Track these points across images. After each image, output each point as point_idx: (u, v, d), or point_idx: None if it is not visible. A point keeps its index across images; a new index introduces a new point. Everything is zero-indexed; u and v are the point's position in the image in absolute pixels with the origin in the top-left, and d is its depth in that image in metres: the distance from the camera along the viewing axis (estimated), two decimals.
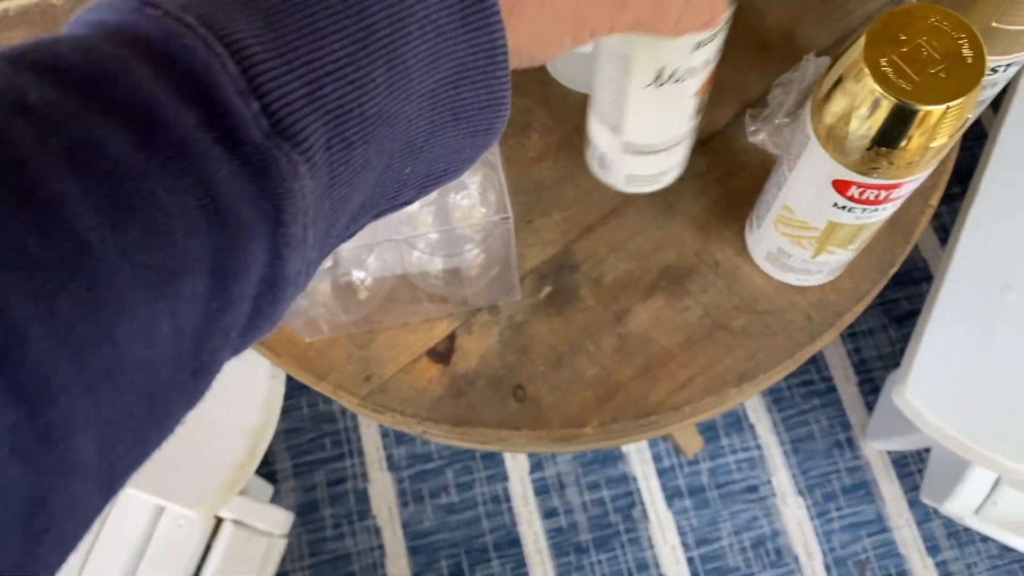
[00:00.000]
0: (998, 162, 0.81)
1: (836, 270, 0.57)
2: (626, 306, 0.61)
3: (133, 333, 0.19)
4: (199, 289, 0.21)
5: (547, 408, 0.59)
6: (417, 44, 0.24)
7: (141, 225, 0.19)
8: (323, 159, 0.23)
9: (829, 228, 0.49)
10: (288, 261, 0.23)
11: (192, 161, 0.20)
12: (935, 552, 1.26)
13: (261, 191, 0.22)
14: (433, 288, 0.59)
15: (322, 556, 1.31)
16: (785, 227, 0.52)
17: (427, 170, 0.29)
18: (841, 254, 0.53)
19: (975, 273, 0.78)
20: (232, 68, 0.21)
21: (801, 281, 0.58)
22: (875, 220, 0.48)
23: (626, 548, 1.29)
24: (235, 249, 0.21)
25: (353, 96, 0.23)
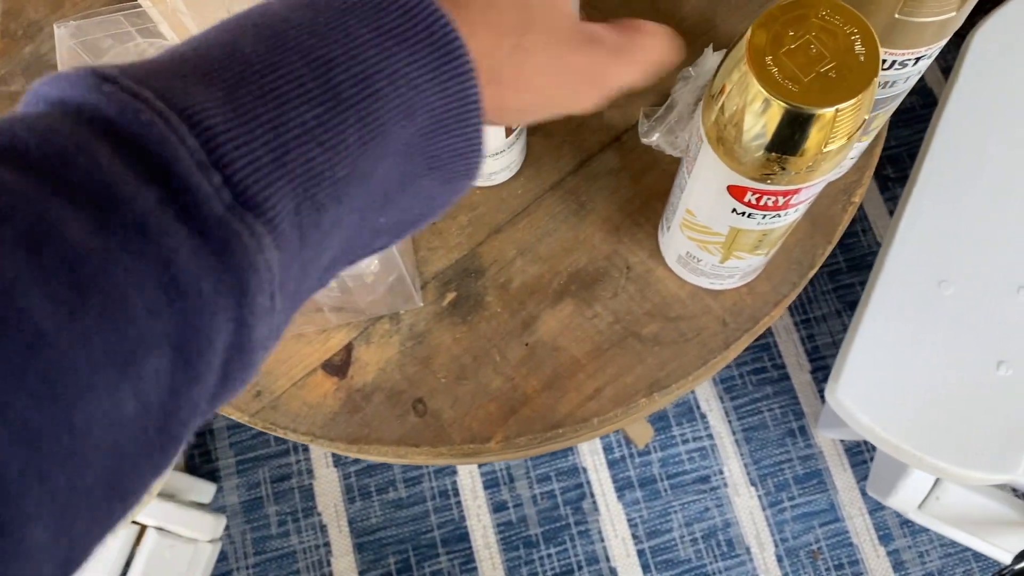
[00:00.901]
0: (937, 153, 0.78)
1: (750, 273, 0.54)
2: (534, 313, 0.58)
3: (93, 417, 0.19)
4: (163, 365, 0.21)
5: (448, 423, 0.55)
6: (389, 99, 0.24)
7: (99, 309, 0.19)
8: (291, 224, 0.23)
9: (732, 234, 0.46)
10: (255, 329, 0.23)
11: (152, 240, 0.20)
12: (888, 541, 1.25)
13: (224, 266, 0.21)
14: (325, 298, 0.55)
15: (266, 554, 1.28)
16: (690, 231, 0.49)
17: (401, 217, 0.28)
18: (751, 259, 0.50)
19: (912, 267, 0.75)
20: (191, 141, 0.21)
21: (715, 285, 0.55)
22: (780, 225, 0.45)
23: (576, 541, 1.26)
24: (198, 326, 0.21)
25: (323, 159, 0.23)
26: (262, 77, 0.22)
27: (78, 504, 0.19)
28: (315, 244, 0.24)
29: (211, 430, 1.33)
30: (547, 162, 0.61)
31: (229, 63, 0.22)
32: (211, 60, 0.22)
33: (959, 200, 0.77)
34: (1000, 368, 0.71)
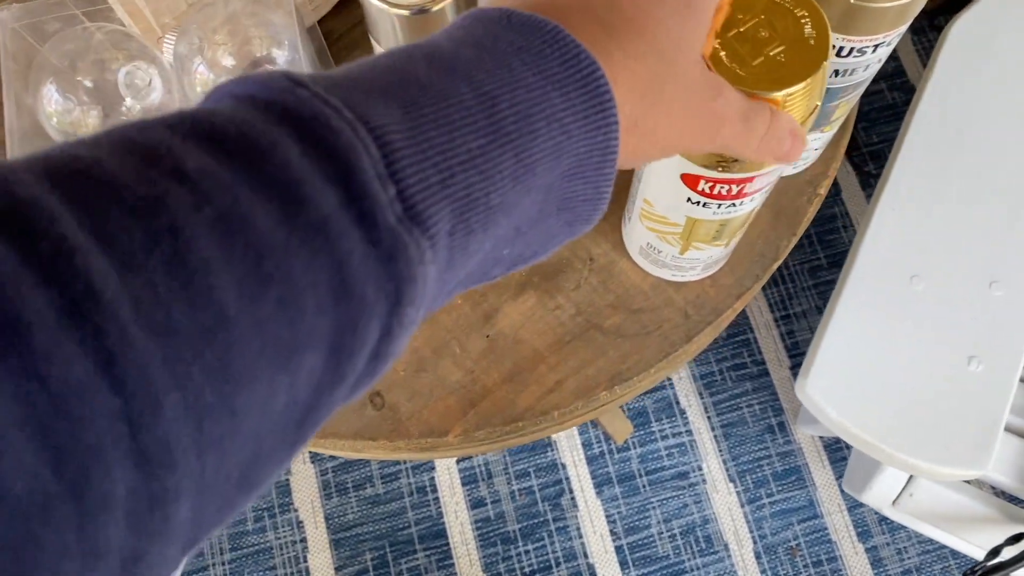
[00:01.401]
0: (911, 147, 0.78)
1: (712, 265, 0.53)
2: (495, 305, 0.57)
3: (252, 404, 0.20)
4: (317, 364, 0.21)
5: (406, 417, 0.55)
6: (544, 140, 0.25)
7: (277, 299, 0.20)
8: (445, 244, 0.24)
9: (689, 224, 0.45)
10: (397, 339, 0.24)
11: (331, 240, 0.21)
12: (866, 538, 1.24)
13: (387, 274, 0.22)
14: None
15: (243, 550, 1.27)
16: (649, 222, 0.48)
17: (522, 252, 0.29)
18: (711, 250, 0.49)
19: (884, 262, 0.75)
20: (374, 152, 0.22)
21: (677, 277, 0.55)
22: (737, 215, 0.44)
23: (554, 537, 1.26)
24: (356, 329, 0.22)
25: (481, 186, 0.24)
26: (435, 102, 0.23)
27: (216, 489, 0.20)
28: (459, 266, 0.25)
29: None
30: None
31: (406, 86, 0.24)
32: (388, 82, 0.24)
33: (932, 195, 0.76)
34: (971, 363, 0.71)
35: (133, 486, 0.18)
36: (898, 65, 1.45)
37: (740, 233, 0.49)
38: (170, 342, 0.18)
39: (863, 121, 1.42)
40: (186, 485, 0.19)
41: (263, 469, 0.22)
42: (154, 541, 0.19)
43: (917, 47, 1.45)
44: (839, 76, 0.45)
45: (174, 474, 0.18)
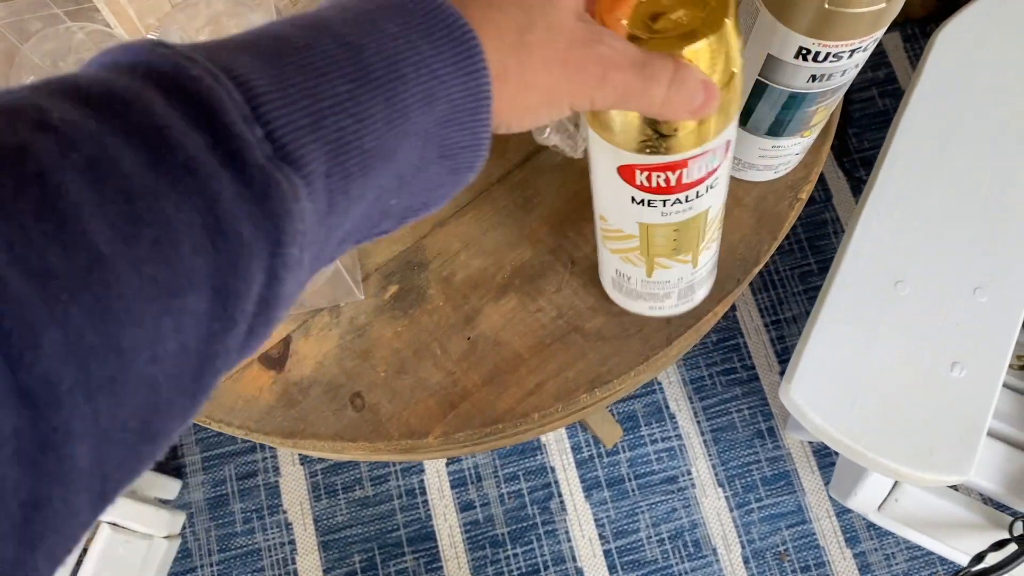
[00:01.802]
0: (897, 153, 0.78)
1: (687, 293, 0.52)
2: (477, 307, 0.57)
3: (138, 345, 0.20)
4: (202, 306, 0.22)
5: (387, 418, 0.55)
6: (414, 85, 0.26)
7: (151, 240, 0.20)
8: (323, 185, 0.24)
9: (644, 232, 0.43)
10: (284, 282, 0.24)
11: (200, 180, 0.21)
12: (854, 543, 1.24)
13: (263, 212, 0.22)
14: None
15: (231, 551, 1.27)
16: (610, 242, 0.47)
17: (410, 203, 0.30)
18: (678, 267, 0.47)
19: (869, 266, 0.75)
20: (237, 96, 0.22)
21: (656, 311, 0.53)
22: (688, 217, 0.42)
23: (543, 541, 1.26)
24: (237, 268, 0.22)
25: (353, 129, 0.25)
26: (299, 52, 0.25)
27: (114, 435, 0.20)
28: (341, 212, 0.26)
29: None
30: (494, 155, 0.60)
31: (270, 41, 0.25)
32: (251, 39, 0.25)
33: (917, 200, 0.76)
34: (954, 369, 0.71)
35: (19, 424, 0.18)
36: (889, 72, 1.45)
37: (706, 249, 0.47)
38: (46, 283, 0.18)
39: (854, 127, 1.42)
40: (78, 427, 0.19)
41: (165, 420, 0.22)
42: (53, 484, 0.19)
43: (908, 53, 1.46)
44: (815, 81, 0.45)
45: (60, 413, 0.18)
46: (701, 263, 0.48)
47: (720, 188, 0.42)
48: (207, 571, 1.26)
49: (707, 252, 0.48)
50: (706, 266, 0.50)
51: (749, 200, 0.58)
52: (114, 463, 0.21)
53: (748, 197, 0.58)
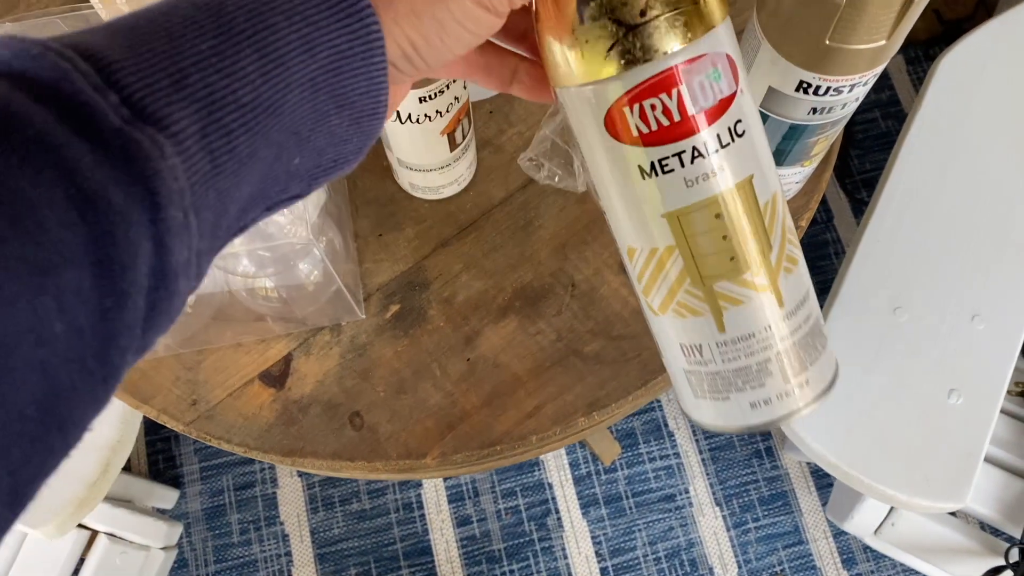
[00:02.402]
0: (897, 179, 0.78)
1: (795, 363, 0.34)
2: (477, 328, 0.57)
3: (17, 330, 0.19)
4: (85, 283, 0.21)
5: (385, 438, 0.55)
6: (286, 34, 0.25)
7: (8, 219, 0.19)
8: (199, 146, 0.23)
9: (680, 232, 0.32)
10: (173, 250, 0.23)
11: (52, 152, 0.21)
12: (851, 565, 1.24)
13: (129, 176, 0.22)
14: (264, 307, 0.55)
15: (227, 562, 1.27)
16: (654, 293, 0.35)
17: (316, 161, 0.29)
18: (754, 302, 0.33)
19: (868, 292, 0.75)
20: (83, 66, 0.21)
21: (759, 411, 0.35)
22: (726, 188, 0.31)
23: (539, 557, 1.26)
24: (114, 237, 0.21)
25: (223, 84, 0.24)
26: (155, 21, 0.24)
27: (12, 426, 0.19)
28: (231, 172, 0.25)
29: (176, 436, 1.32)
30: (497, 177, 0.60)
31: (127, 18, 0.24)
32: (111, 21, 0.24)
33: (917, 226, 0.77)
34: (951, 396, 0.71)
35: None
36: (892, 94, 1.46)
37: (785, 268, 0.34)
38: None
39: (857, 149, 1.43)
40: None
41: (71, 406, 0.21)
42: None
43: (911, 76, 1.46)
44: (816, 114, 0.46)
45: None
46: (788, 297, 0.34)
47: (754, 147, 0.32)
48: None
49: (790, 277, 0.34)
50: (801, 308, 0.34)
51: None
52: (19, 458, 0.20)
53: None
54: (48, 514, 0.73)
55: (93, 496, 0.74)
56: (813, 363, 0.35)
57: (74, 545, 0.89)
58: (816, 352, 0.35)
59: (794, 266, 0.34)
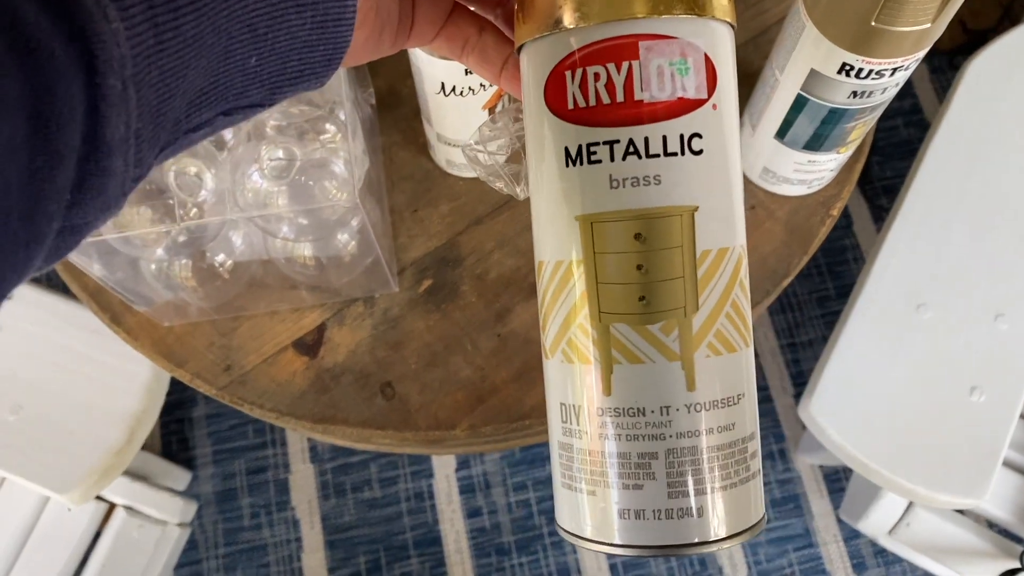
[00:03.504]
0: (923, 179, 0.79)
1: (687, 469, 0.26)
2: (508, 305, 0.58)
3: None
4: (18, 135, 0.20)
5: (416, 409, 0.56)
6: None
7: None
8: (144, 16, 0.22)
9: (588, 244, 0.27)
10: (109, 120, 0.22)
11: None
12: (861, 569, 1.24)
13: (70, 32, 0.21)
14: (301, 275, 0.55)
15: (237, 545, 1.27)
16: (551, 323, 0.29)
17: (279, 68, 0.27)
18: (653, 359, 0.26)
19: (892, 289, 0.76)
20: None
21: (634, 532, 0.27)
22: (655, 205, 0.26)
23: (548, 551, 1.26)
24: (53, 92, 0.20)
25: None
26: None
27: None
28: (175, 52, 0.24)
29: (190, 419, 1.33)
30: None
31: None
32: None
33: (943, 226, 0.77)
34: (973, 394, 0.72)
35: None
36: (915, 102, 1.46)
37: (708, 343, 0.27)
38: None
39: (877, 155, 1.43)
40: None
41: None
42: None
43: (935, 84, 1.47)
44: (856, 97, 0.46)
45: None
46: (703, 381, 0.26)
47: (708, 176, 0.27)
48: (213, 564, 1.26)
49: (716, 361, 0.27)
50: (721, 411, 0.27)
51: (781, 214, 0.59)
52: None
53: (780, 211, 0.59)
54: (74, 480, 0.73)
55: (117, 465, 0.75)
56: (725, 488, 0.27)
57: (92, 517, 0.89)
58: (732, 476, 0.27)
59: (727, 352, 0.27)
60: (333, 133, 0.50)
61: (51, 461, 0.75)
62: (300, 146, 0.49)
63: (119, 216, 0.46)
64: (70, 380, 0.78)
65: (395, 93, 0.63)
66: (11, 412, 0.78)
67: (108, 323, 0.57)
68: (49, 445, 0.75)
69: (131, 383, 0.77)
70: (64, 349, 0.78)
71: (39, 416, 0.77)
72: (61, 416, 0.77)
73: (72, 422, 0.76)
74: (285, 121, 0.51)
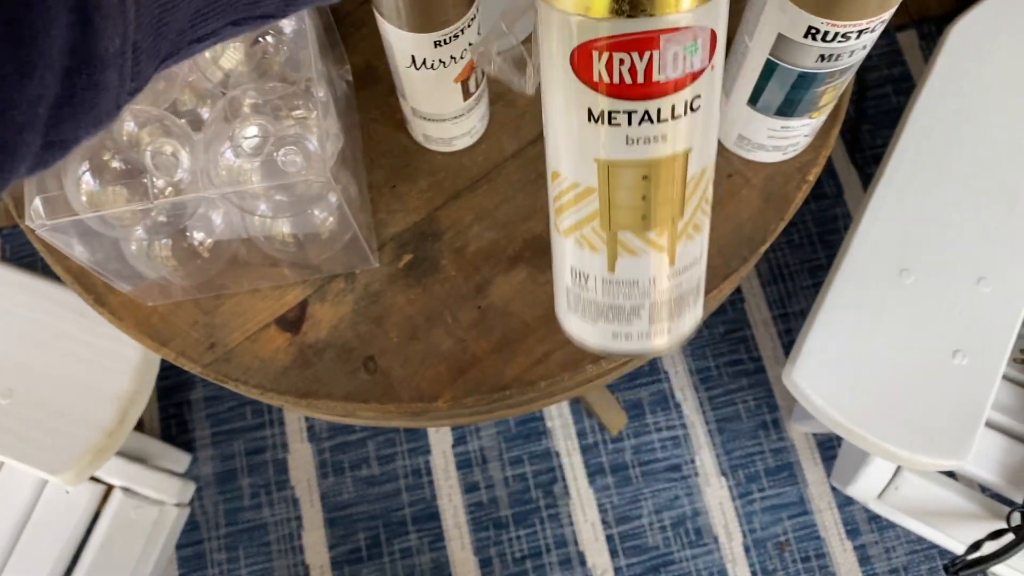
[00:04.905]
0: (906, 144, 0.79)
1: (662, 314, 0.37)
2: (488, 277, 0.58)
3: None
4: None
5: (398, 382, 0.56)
6: None
7: None
8: None
9: (604, 179, 0.33)
10: (102, 33, 0.21)
11: None
12: (855, 535, 1.25)
13: None
14: (281, 253, 0.56)
15: (238, 525, 1.29)
16: (564, 216, 0.36)
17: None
18: (648, 257, 0.35)
19: (875, 254, 0.76)
20: None
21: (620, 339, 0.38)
22: (661, 154, 0.32)
23: (545, 524, 1.27)
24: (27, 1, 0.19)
25: None
26: None
27: None
28: None
29: (188, 401, 1.34)
30: (509, 131, 0.61)
31: None
32: None
33: (925, 191, 0.77)
34: (955, 356, 0.72)
35: None
36: (904, 70, 1.46)
37: (687, 235, 0.35)
38: None
39: (868, 124, 1.43)
40: None
41: None
42: None
43: (924, 52, 1.46)
44: (824, 61, 0.47)
45: None
46: (680, 260, 0.36)
47: (703, 124, 0.33)
48: (214, 544, 1.28)
49: (689, 243, 0.36)
50: (687, 271, 0.37)
51: (757, 180, 0.59)
52: None
53: (756, 178, 0.59)
54: (68, 461, 0.74)
55: (110, 446, 0.76)
56: (680, 316, 0.38)
57: (90, 499, 0.90)
58: (686, 308, 0.38)
59: (697, 233, 0.36)
60: (307, 110, 0.50)
61: (43, 443, 0.76)
62: (274, 123, 0.49)
63: (94, 196, 0.46)
64: (61, 362, 0.79)
65: (372, 70, 0.63)
66: (3, 396, 0.79)
67: (92, 304, 0.58)
68: (41, 427, 0.76)
69: (122, 364, 0.78)
70: (54, 332, 0.79)
71: (31, 399, 0.78)
72: (53, 398, 0.77)
73: (64, 404, 0.77)
74: (261, 99, 0.51)
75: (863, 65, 1.43)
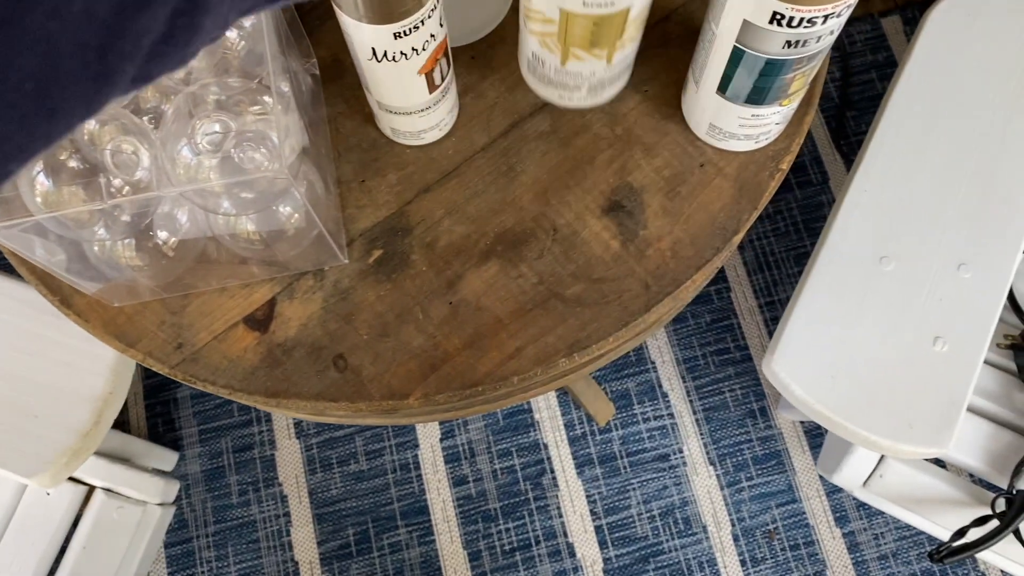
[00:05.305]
0: (885, 131, 0.78)
1: (597, 88, 0.51)
2: (459, 272, 0.58)
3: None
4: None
5: (369, 379, 0.55)
6: None
7: None
8: None
9: (564, 20, 0.44)
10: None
11: None
12: (843, 523, 1.25)
13: None
14: (247, 251, 0.55)
15: (226, 523, 1.28)
16: (531, 23, 0.47)
17: None
18: (591, 62, 0.48)
19: (854, 242, 0.75)
20: None
21: (564, 99, 0.52)
22: (609, 12, 0.43)
23: (535, 516, 1.27)
24: None
25: None
26: None
27: (7, 96, 0.19)
28: None
29: (175, 399, 1.33)
30: (478, 123, 0.61)
31: None
32: None
33: (904, 177, 0.77)
34: (936, 344, 0.72)
35: None
36: (889, 55, 1.45)
37: (622, 48, 0.48)
38: None
39: (853, 110, 1.42)
40: None
41: (64, 96, 0.21)
42: None
43: (908, 37, 1.45)
44: (791, 47, 0.46)
45: None
46: (616, 61, 0.49)
47: None
48: (203, 541, 1.27)
49: (623, 51, 0.48)
50: (620, 64, 0.50)
51: (730, 170, 0.58)
52: (5, 131, 0.20)
53: (729, 167, 0.58)
54: (42, 463, 0.74)
55: (86, 447, 0.75)
56: (611, 88, 0.52)
57: (72, 500, 0.90)
58: (615, 84, 0.52)
59: (631, 43, 0.48)
60: (268, 105, 0.50)
61: (18, 446, 0.75)
62: (234, 119, 0.48)
63: (49, 196, 0.45)
64: (34, 364, 0.78)
65: (339, 63, 0.62)
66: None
67: (58, 306, 0.57)
68: (15, 430, 0.76)
69: (97, 364, 0.77)
70: (26, 333, 0.78)
71: (4, 401, 0.77)
72: (26, 401, 0.77)
73: (38, 406, 0.76)
74: (222, 95, 0.50)
75: (847, 51, 1.42)
